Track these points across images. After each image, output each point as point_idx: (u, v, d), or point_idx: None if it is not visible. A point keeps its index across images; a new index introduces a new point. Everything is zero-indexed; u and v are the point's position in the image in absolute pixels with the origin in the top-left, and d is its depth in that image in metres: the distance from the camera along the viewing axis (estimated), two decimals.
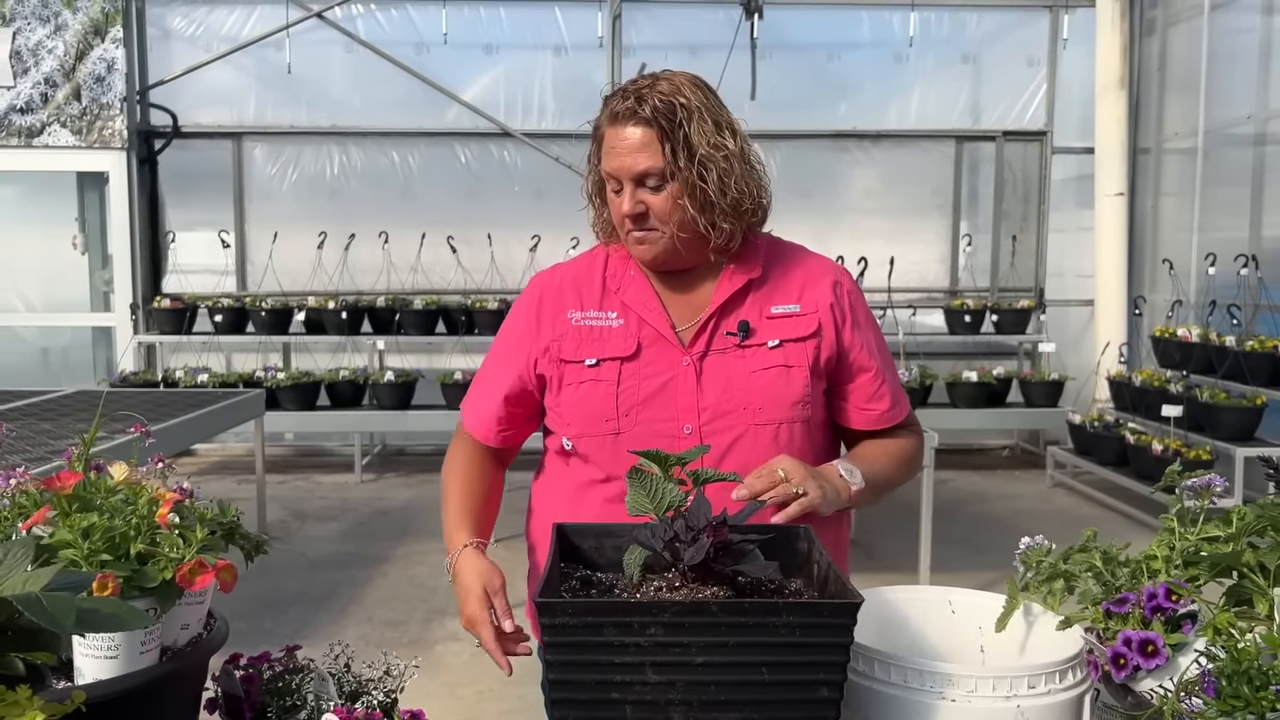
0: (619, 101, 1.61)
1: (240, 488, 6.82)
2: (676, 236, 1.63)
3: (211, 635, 1.22)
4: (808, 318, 1.68)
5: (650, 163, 1.59)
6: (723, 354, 1.65)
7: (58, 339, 8.31)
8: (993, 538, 5.57)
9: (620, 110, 1.60)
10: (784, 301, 1.69)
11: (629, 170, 1.60)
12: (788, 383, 1.65)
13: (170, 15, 7.75)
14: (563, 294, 1.73)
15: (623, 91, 1.62)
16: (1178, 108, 7.44)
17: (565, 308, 1.72)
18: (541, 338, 1.71)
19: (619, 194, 1.64)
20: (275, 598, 4.69)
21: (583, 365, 1.67)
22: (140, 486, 1.19)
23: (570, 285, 1.74)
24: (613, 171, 1.63)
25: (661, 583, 1.15)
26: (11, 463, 1.41)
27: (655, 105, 1.58)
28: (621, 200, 1.63)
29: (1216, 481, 1.26)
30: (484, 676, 3.91)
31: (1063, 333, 7.94)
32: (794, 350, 1.66)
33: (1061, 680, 1.15)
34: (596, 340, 1.68)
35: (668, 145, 1.58)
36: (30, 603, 0.83)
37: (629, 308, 1.69)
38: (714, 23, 7.73)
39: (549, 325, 1.71)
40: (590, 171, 1.73)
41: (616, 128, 1.61)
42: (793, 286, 1.71)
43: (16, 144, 7.32)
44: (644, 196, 1.61)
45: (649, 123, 1.58)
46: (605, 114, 1.64)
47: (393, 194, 7.91)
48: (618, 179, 1.62)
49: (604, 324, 1.69)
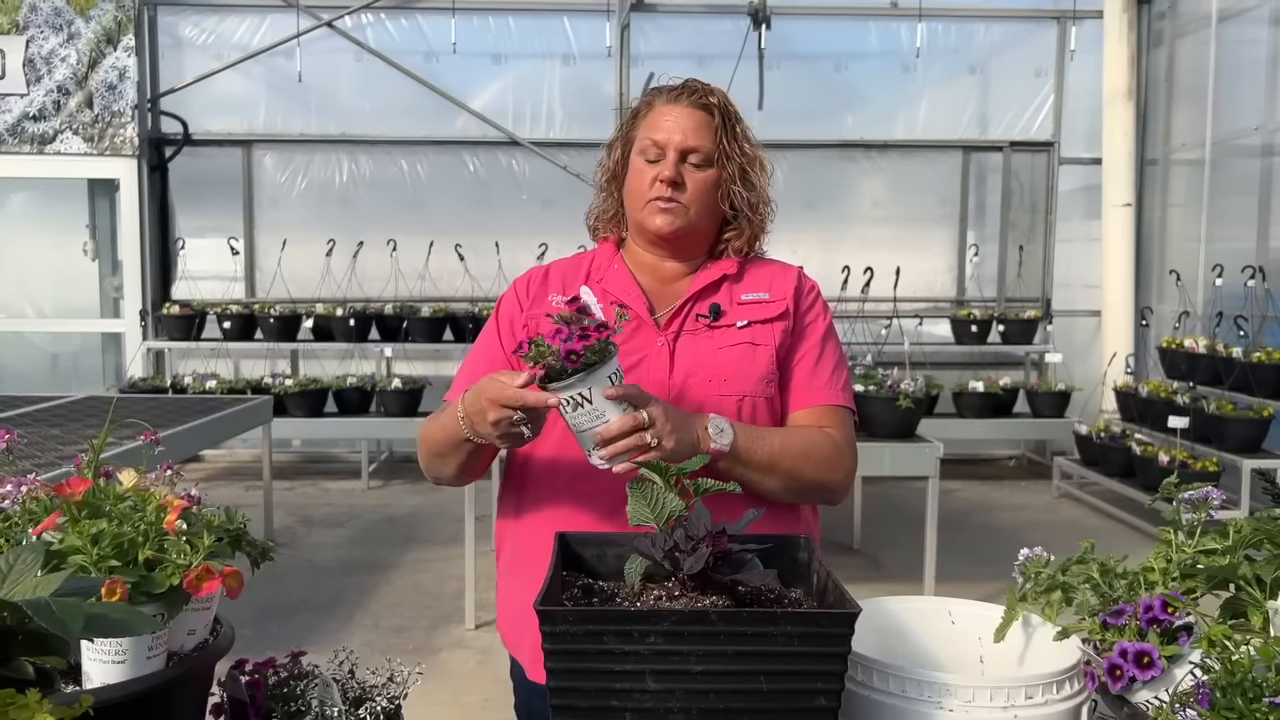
0: (680, 89, 1.72)
1: (247, 494, 6.84)
2: (700, 217, 1.71)
3: (217, 641, 1.23)
4: (776, 303, 1.75)
5: (701, 141, 1.69)
6: (694, 334, 1.71)
7: (67, 344, 8.35)
8: (998, 548, 5.55)
9: (684, 93, 1.71)
10: (753, 290, 1.76)
11: (680, 142, 1.68)
12: (753, 359, 1.70)
13: (182, 24, 7.80)
14: (547, 281, 1.81)
15: (683, 85, 1.73)
16: (1185, 119, 7.44)
17: (548, 292, 1.78)
18: (524, 315, 1.77)
19: (654, 163, 1.70)
20: (281, 604, 4.71)
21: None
22: (148, 493, 1.21)
23: (555, 275, 1.82)
24: (660, 140, 1.69)
25: (661, 592, 1.16)
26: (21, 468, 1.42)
27: (719, 99, 1.71)
28: (659, 168, 1.69)
29: (1214, 494, 1.27)
30: (488, 684, 3.91)
31: (1069, 343, 7.93)
32: (761, 330, 1.72)
33: (1059, 691, 1.16)
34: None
35: (722, 134, 1.70)
36: (40, 608, 0.84)
37: (609, 293, 1.74)
38: (722, 33, 7.76)
39: (531, 305, 1.78)
40: (615, 147, 1.79)
41: (674, 105, 1.71)
42: (763, 280, 1.78)
43: (29, 151, 7.37)
44: (684, 170, 1.69)
45: (709, 109, 1.70)
46: (663, 93, 1.73)
47: (401, 202, 7.94)
48: (662, 148, 1.69)
49: None
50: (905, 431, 4.77)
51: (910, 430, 4.80)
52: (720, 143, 1.69)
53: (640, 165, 1.72)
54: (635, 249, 1.81)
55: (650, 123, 1.71)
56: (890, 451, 4.56)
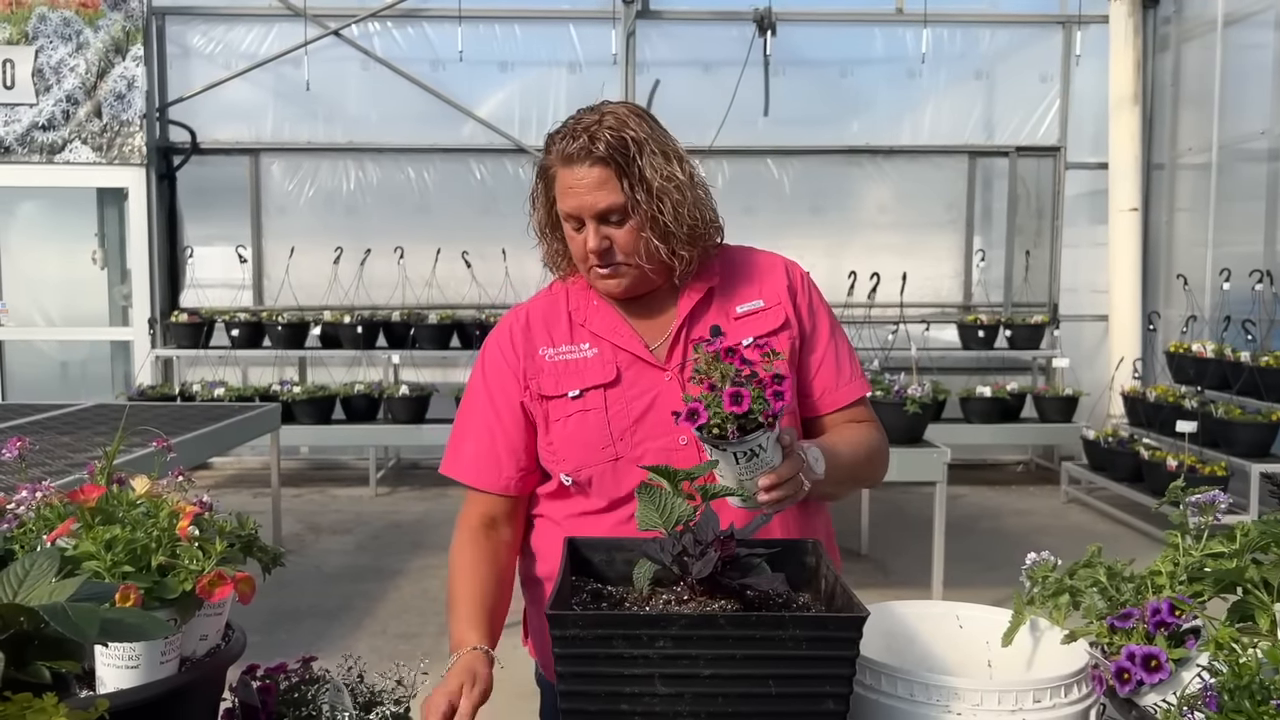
0: (569, 142, 1.60)
1: (256, 501, 6.86)
2: (643, 268, 1.64)
3: (229, 646, 1.24)
4: (773, 310, 1.70)
5: (611, 199, 1.59)
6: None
7: (76, 353, 8.39)
8: (1006, 553, 5.54)
9: (574, 150, 1.59)
10: (746, 300, 1.71)
11: (590, 208, 1.60)
12: None
13: (190, 33, 7.84)
14: (530, 333, 1.73)
15: (571, 132, 1.61)
16: (1191, 123, 7.44)
17: (535, 346, 1.71)
18: (521, 375, 1.70)
19: (579, 231, 1.64)
20: (290, 610, 4.72)
21: (566, 399, 1.67)
22: (161, 500, 1.22)
23: (538, 324, 1.74)
24: (572, 211, 1.62)
25: (670, 596, 1.17)
26: (33, 476, 1.44)
27: (608, 141, 1.58)
28: (585, 237, 1.62)
29: (1220, 497, 1.27)
30: (497, 690, 3.91)
31: (1077, 348, 7.92)
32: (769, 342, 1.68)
33: (1066, 694, 1.16)
34: (574, 373, 1.67)
35: (625, 181, 1.59)
36: (56, 613, 0.85)
37: (600, 336, 1.69)
38: (727, 39, 7.78)
39: (525, 363, 1.71)
40: (538, 209, 1.73)
41: (572, 168, 1.60)
42: (750, 284, 1.73)
43: (38, 160, 7.41)
44: (608, 232, 1.62)
45: (605, 161, 1.58)
46: (557, 154, 1.62)
47: (408, 209, 7.96)
48: (578, 218, 1.62)
49: (579, 356, 1.69)
50: (912, 437, 4.76)
51: (918, 435, 4.80)
52: (624, 192, 1.59)
53: (570, 231, 1.66)
54: None
55: (560, 189, 1.63)
56: (897, 457, 4.49)
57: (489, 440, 1.71)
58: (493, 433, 1.71)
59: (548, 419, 1.68)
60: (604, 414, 1.64)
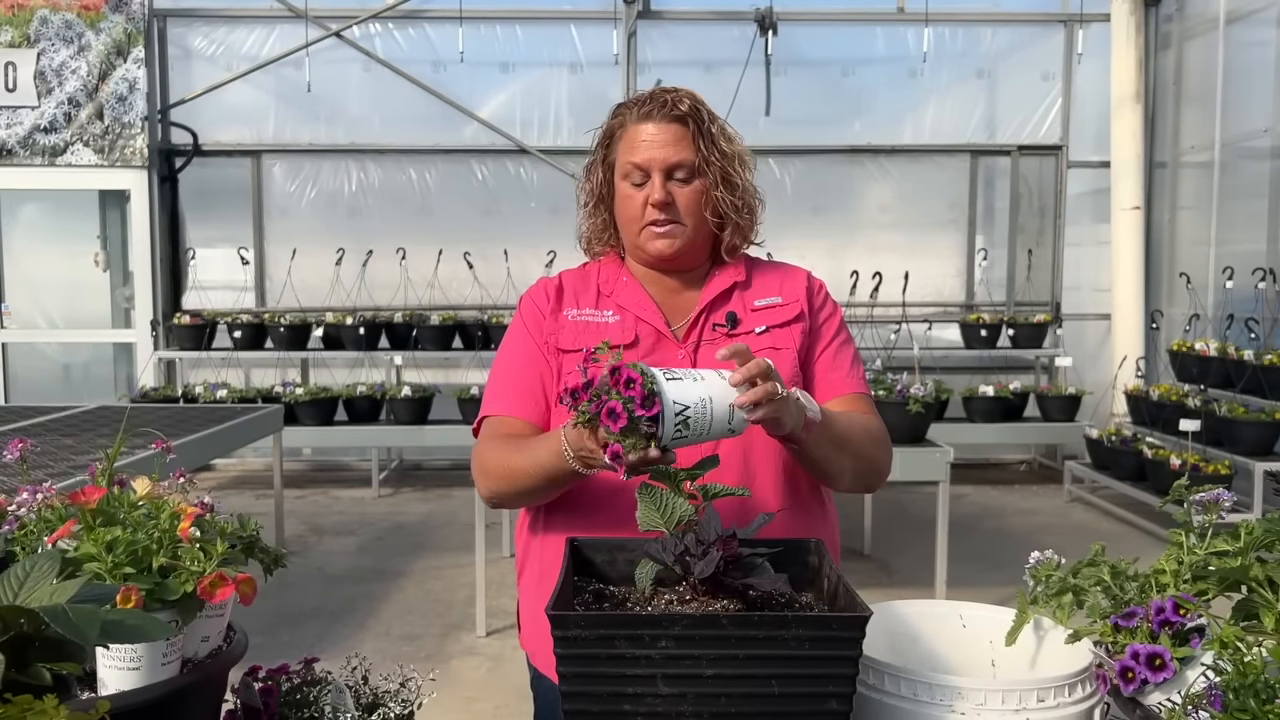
0: (647, 103, 1.68)
1: (258, 502, 6.87)
2: (696, 231, 1.69)
3: (231, 648, 1.24)
4: (790, 305, 1.75)
5: (683, 154, 1.65)
6: (713, 344, 1.70)
7: (79, 355, 8.40)
8: (1010, 553, 5.54)
9: (652, 108, 1.67)
10: (765, 295, 1.76)
11: (662, 161, 1.65)
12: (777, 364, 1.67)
13: (191, 35, 7.85)
14: (561, 294, 1.78)
15: (649, 96, 1.69)
16: (1194, 121, 7.43)
17: (563, 306, 1.76)
18: (547, 327, 1.74)
19: (641, 186, 1.67)
20: (293, 612, 4.72)
21: (579, 354, 1.67)
22: (162, 501, 1.22)
23: (569, 289, 1.79)
24: (642, 163, 1.66)
25: (673, 596, 1.16)
26: (35, 478, 1.43)
27: (688, 105, 1.67)
28: (645, 193, 1.66)
29: (1225, 496, 1.27)
30: (500, 691, 3.92)
31: (1079, 347, 7.91)
32: (780, 334, 1.72)
33: (1070, 694, 1.16)
34: (593, 333, 1.70)
35: (700, 141, 1.66)
36: (57, 614, 0.85)
37: (624, 308, 1.73)
38: (729, 39, 7.78)
39: (550, 319, 1.75)
40: (595, 169, 1.77)
41: (647, 123, 1.67)
42: (772, 284, 1.78)
43: (40, 163, 7.42)
44: (672, 188, 1.66)
45: (683, 120, 1.66)
46: (633, 112, 1.69)
47: (410, 211, 7.97)
48: (645, 170, 1.66)
49: (600, 320, 1.73)
50: (915, 436, 4.76)
51: (920, 435, 4.80)
52: (699, 150, 1.66)
53: (627, 190, 1.69)
54: (635, 265, 1.79)
55: (627, 144, 1.68)
56: (900, 456, 4.48)
57: (534, 376, 1.72)
58: (538, 369, 1.72)
59: (560, 372, 1.70)
60: None
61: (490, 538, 4.75)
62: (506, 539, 5.70)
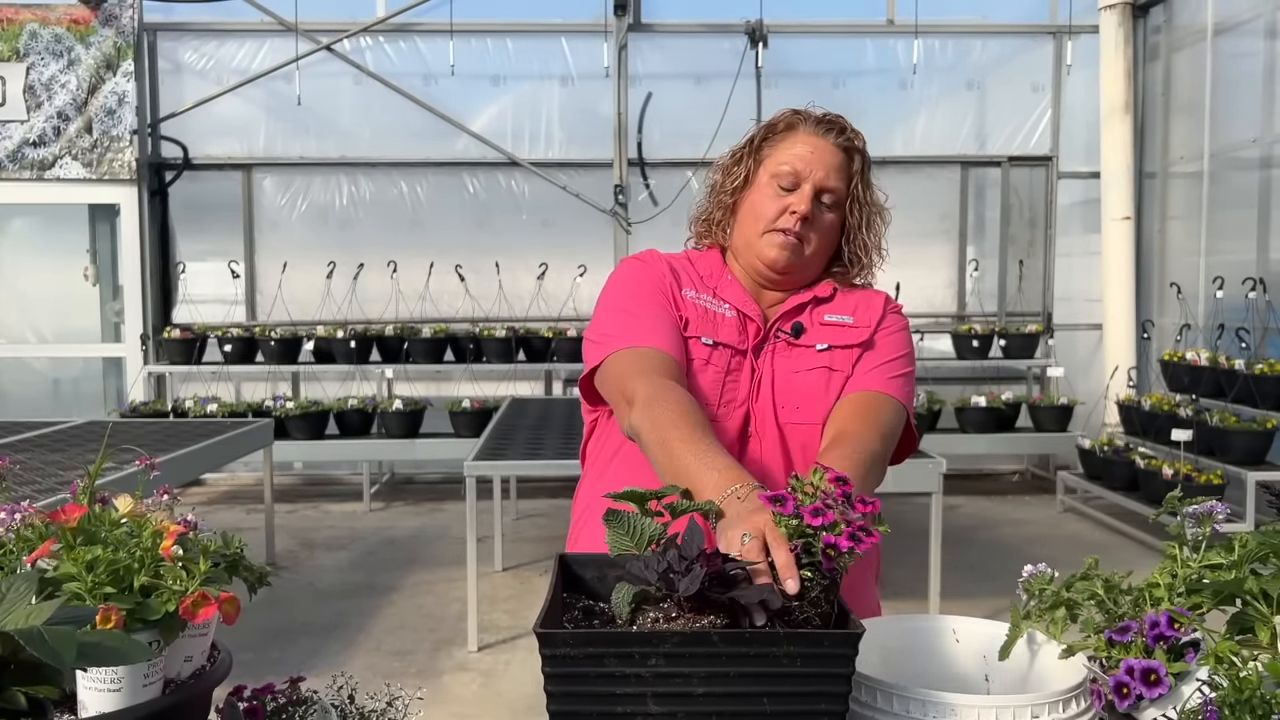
0: (824, 121, 1.68)
1: (249, 517, 6.83)
2: (814, 258, 1.69)
3: (215, 667, 1.22)
4: (859, 329, 1.71)
5: (838, 183, 1.67)
6: (772, 351, 1.68)
7: (68, 370, 8.36)
8: (1003, 564, 5.53)
9: (830, 129, 1.68)
10: (839, 313, 1.73)
11: (820, 180, 1.65)
12: (827, 387, 1.67)
13: (181, 49, 7.84)
14: (676, 270, 1.74)
15: (826, 115, 1.70)
16: (1183, 132, 7.46)
17: (681, 284, 1.72)
18: (673, 296, 1.69)
19: (786, 192, 1.65)
20: (284, 627, 4.69)
21: (699, 342, 1.66)
22: (144, 519, 1.20)
23: (679, 267, 1.75)
24: (800, 171, 1.65)
25: (658, 614, 1.15)
26: (21, 494, 1.42)
27: (861, 143, 1.70)
28: (793, 199, 1.64)
29: (1219, 508, 1.26)
30: (492, 707, 3.89)
31: (1071, 357, 7.92)
32: (840, 356, 1.68)
33: (1065, 709, 1.15)
34: (712, 323, 1.67)
35: (858, 180, 1.69)
36: (32, 637, 0.84)
37: (731, 304, 1.70)
38: (719, 51, 7.79)
39: (673, 291, 1.70)
40: (745, 158, 1.72)
41: (817, 136, 1.67)
42: (849, 305, 1.75)
43: (28, 177, 7.39)
44: (815, 208, 1.65)
45: (849, 152, 1.68)
46: (810, 121, 1.69)
47: (401, 224, 7.96)
48: (798, 179, 1.65)
49: (719, 310, 1.70)
50: None
51: None
52: (854, 189, 1.67)
53: (770, 189, 1.67)
54: (736, 266, 1.75)
55: (790, 148, 1.67)
56: (892, 468, 4.52)
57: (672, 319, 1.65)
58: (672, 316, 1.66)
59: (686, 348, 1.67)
60: (722, 376, 1.65)
61: (482, 552, 4.72)
62: (498, 553, 5.68)
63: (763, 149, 1.70)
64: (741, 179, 1.72)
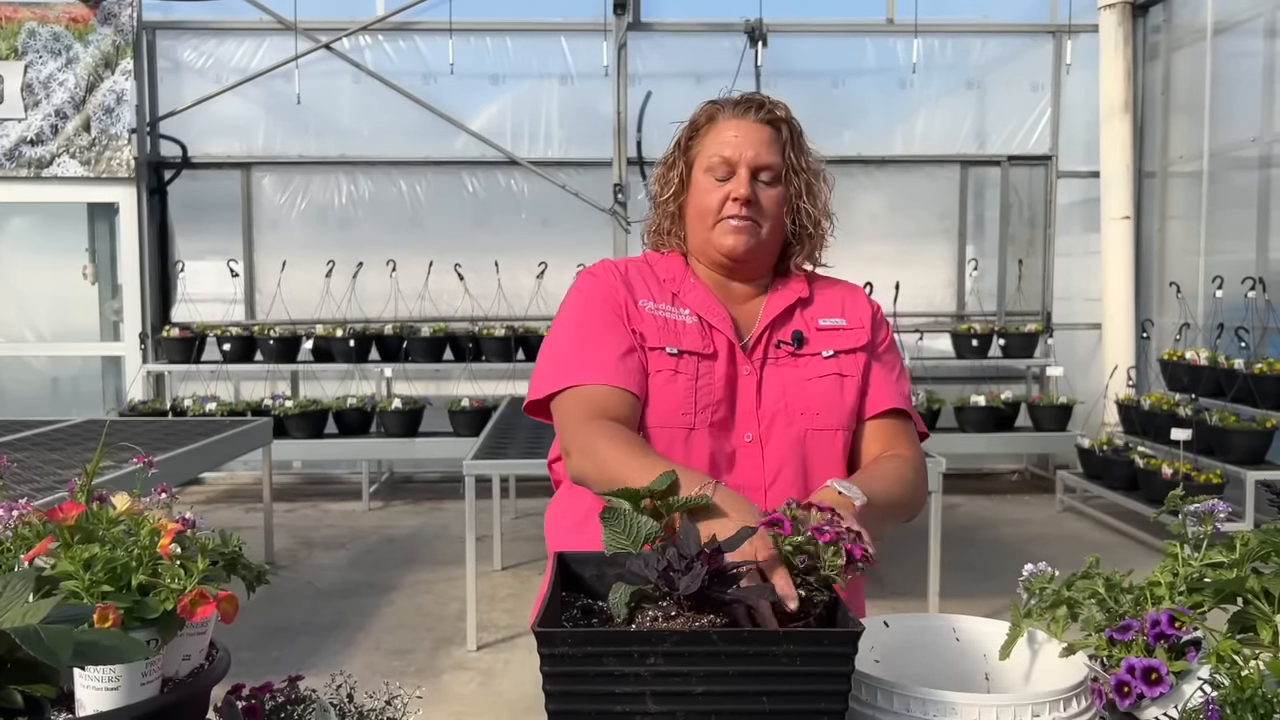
0: (744, 104, 1.69)
1: (248, 516, 6.83)
2: (770, 236, 1.68)
3: (214, 666, 1.22)
4: (856, 331, 1.73)
5: (772, 158, 1.66)
6: (777, 363, 1.68)
7: (67, 369, 8.35)
8: (1003, 563, 5.53)
9: (749, 108, 1.68)
10: (829, 315, 1.73)
11: (753, 159, 1.65)
12: (842, 392, 1.68)
13: (180, 47, 7.83)
14: (630, 281, 1.73)
15: (746, 98, 1.70)
16: (1182, 131, 7.46)
17: (636, 295, 1.71)
18: (627, 313, 1.67)
19: (723, 182, 1.66)
20: (283, 626, 4.68)
21: (663, 352, 1.65)
22: (142, 517, 1.20)
23: (635, 277, 1.74)
24: (731, 158, 1.65)
25: (657, 612, 1.14)
26: (19, 493, 1.41)
27: (784, 112, 1.69)
28: (731, 186, 1.65)
29: (1220, 507, 1.26)
30: (492, 706, 3.89)
31: (1070, 356, 7.92)
32: (847, 361, 1.70)
33: (1066, 709, 1.14)
34: (673, 332, 1.67)
35: (790, 149, 1.68)
36: (28, 635, 0.83)
37: (697, 312, 1.69)
38: (719, 50, 7.79)
39: (628, 307, 1.69)
40: (676, 163, 1.73)
41: (740, 119, 1.67)
42: (835, 303, 1.76)
43: (26, 175, 7.38)
44: (755, 188, 1.66)
45: (776, 124, 1.68)
46: (727, 109, 1.69)
47: (401, 222, 7.95)
48: (731, 165, 1.65)
49: (678, 319, 1.69)
50: None
51: None
52: (788, 158, 1.67)
53: (707, 183, 1.67)
54: (699, 267, 1.75)
55: (716, 138, 1.67)
56: None
57: (628, 346, 1.63)
58: (630, 342, 1.64)
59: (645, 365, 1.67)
60: (693, 383, 1.64)
61: (481, 551, 4.71)
62: (497, 552, 5.67)
63: (691, 148, 1.72)
64: (678, 183, 1.73)
